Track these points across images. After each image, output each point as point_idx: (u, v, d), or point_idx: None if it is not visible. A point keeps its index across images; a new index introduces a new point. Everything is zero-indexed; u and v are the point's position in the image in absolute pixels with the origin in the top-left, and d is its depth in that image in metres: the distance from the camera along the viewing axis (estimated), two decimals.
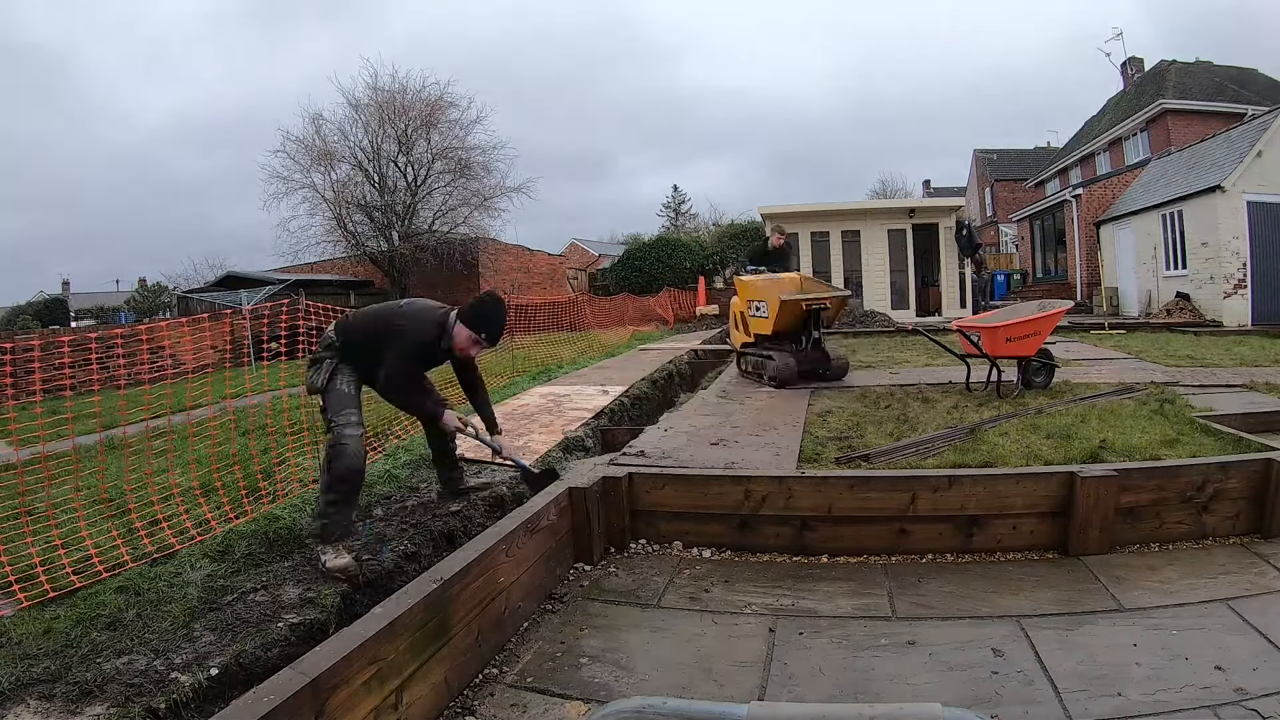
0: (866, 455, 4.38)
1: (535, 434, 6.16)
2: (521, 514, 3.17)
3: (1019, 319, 6.21)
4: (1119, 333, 12.71)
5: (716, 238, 28.55)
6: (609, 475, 3.73)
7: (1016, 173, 33.71)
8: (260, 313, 12.25)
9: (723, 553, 3.57)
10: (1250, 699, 2.10)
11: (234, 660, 2.61)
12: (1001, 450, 4.30)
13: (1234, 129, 15.76)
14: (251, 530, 3.84)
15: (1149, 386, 6.31)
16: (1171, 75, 23.18)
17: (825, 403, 6.46)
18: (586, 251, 40.40)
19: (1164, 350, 9.46)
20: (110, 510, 4.05)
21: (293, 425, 5.37)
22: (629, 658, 2.60)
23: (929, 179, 46.03)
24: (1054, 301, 6.94)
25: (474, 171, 21.94)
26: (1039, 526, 3.40)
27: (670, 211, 48.67)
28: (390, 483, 4.81)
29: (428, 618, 2.29)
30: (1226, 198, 13.49)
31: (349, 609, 3.10)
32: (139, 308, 37.37)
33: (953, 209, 17.40)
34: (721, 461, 4.39)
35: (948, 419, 5.35)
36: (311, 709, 1.78)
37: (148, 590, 3.15)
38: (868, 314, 15.86)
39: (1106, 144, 25.07)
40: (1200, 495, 3.41)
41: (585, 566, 3.47)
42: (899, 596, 3.00)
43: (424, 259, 20.81)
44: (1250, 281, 13.54)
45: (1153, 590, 2.93)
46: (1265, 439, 4.24)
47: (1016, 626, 2.66)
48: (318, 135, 20.67)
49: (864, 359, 9.85)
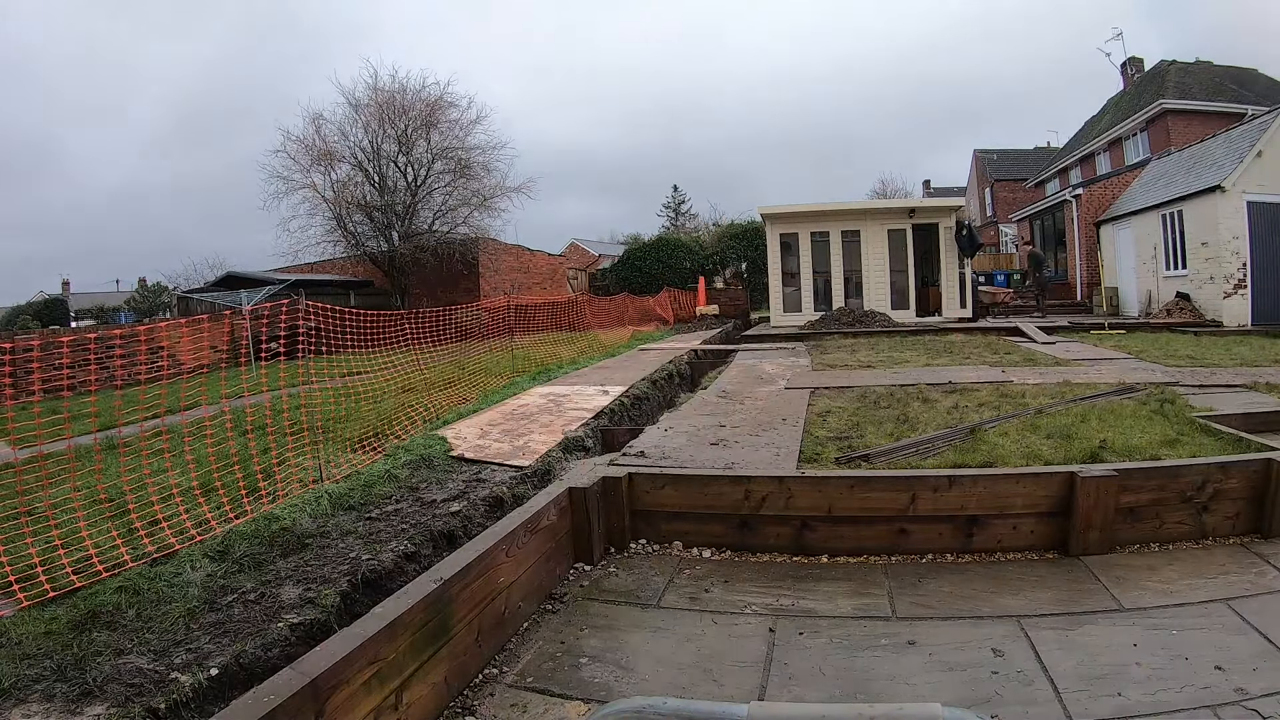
0: (866, 455, 4.38)
1: (535, 434, 6.16)
2: (521, 514, 3.17)
3: None
4: (1119, 333, 12.71)
5: (716, 238, 28.54)
6: (609, 475, 3.73)
7: (1016, 173, 33.71)
8: (260, 313, 12.27)
9: (723, 553, 3.57)
10: (1250, 699, 2.11)
11: (234, 660, 2.61)
12: (1001, 450, 4.30)
13: (1234, 129, 15.76)
14: (251, 530, 3.84)
15: (1149, 386, 6.31)
16: (1171, 75, 23.18)
17: (825, 403, 6.46)
18: (586, 251, 40.39)
19: (1164, 350, 9.47)
20: (110, 510, 4.05)
21: (293, 425, 5.37)
22: (629, 658, 2.60)
23: (929, 179, 46.09)
24: None
25: (474, 171, 21.93)
26: (1039, 526, 3.40)
27: (670, 211, 48.66)
28: (390, 483, 4.81)
29: (428, 618, 2.29)
30: (1226, 198, 13.49)
31: (349, 609, 3.10)
32: (139, 308, 37.37)
33: (953, 209, 17.35)
34: (721, 462, 4.39)
35: (948, 419, 5.35)
36: (311, 709, 1.78)
37: (148, 590, 3.15)
38: (868, 314, 15.84)
39: (1106, 144, 25.06)
40: (1200, 495, 3.41)
41: (585, 566, 3.47)
42: (899, 596, 3.00)
43: (424, 259, 20.80)
44: (1250, 281, 13.53)
45: (1153, 590, 2.93)
46: (1265, 439, 4.25)
47: (1016, 626, 2.66)
48: (318, 135, 20.67)
49: (864, 359, 9.85)
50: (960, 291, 16.71)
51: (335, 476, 4.85)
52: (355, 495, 4.47)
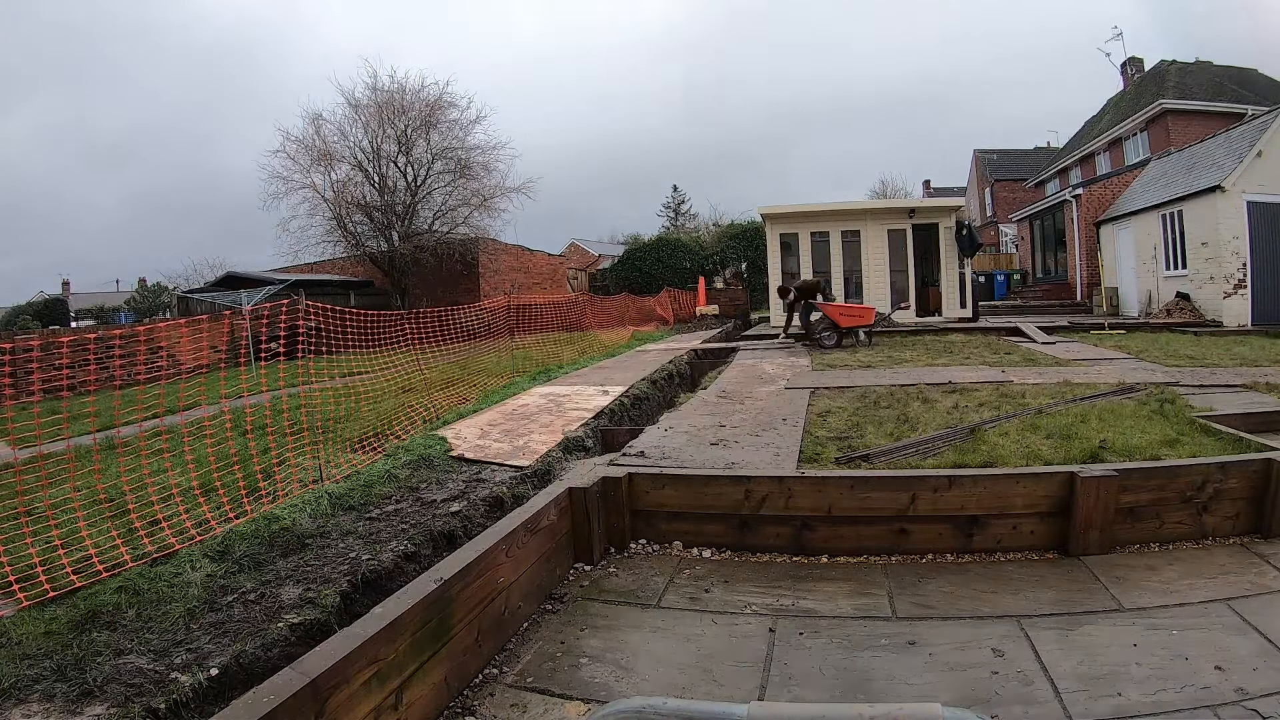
0: (866, 455, 4.38)
1: (535, 434, 6.16)
2: (521, 514, 3.17)
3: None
4: (1119, 333, 12.71)
5: (716, 238, 28.56)
6: (609, 475, 3.73)
7: (1016, 173, 33.71)
8: (260, 313, 12.25)
9: (723, 553, 3.57)
10: (1250, 699, 2.11)
11: (234, 660, 2.61)
12: (1001, 450, 4.30)
13: (1234, 129, 15.75)
14: (251, 530, 3.84)
15: (1149, 386, 6.31)
16: (1171, 75, 23.17)
17: (825, 403, 6.46)
18: (586, 252, 40.40)
19: (1164, 350, 9.46)
20: (110, 510, 4.05)
21: (293, 425, 5.37)
22: (629, 658, 2.60)
23: (929, 179, 46.07)
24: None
25: (474, 171, 21.93)
26: (1039, 526, 3.40)
27: (670, 211, 48.65)
28: (390, 483, 4.81)
29: (428, 618, 2.29)
30: (1226, 198, 13.49)
31: (349, 609, 3.10)
32: (139, 308, 37.36)
33: (953, 209, 17.32)
34: (721, 462, 4.39)
35: (948, 419, 5.35)
36: (311, 709, 1.78)
37: (148, 590, 3.15)
38: None
39: (1106, 144, 25.06)
40: (1200, 495, 3.41)
41: (585, 566, 3.47)
42: (899, 596, 3.00)
43: (424, 259, 20.80)
44: (1250, 281, 13.53)
45: (1153, 590, 2.93)
46: (1265, 439, 4.25)
47: (1016, 626, 2.66)
48: (317, 135, 20.66)
49: (864, 359, 9.86)
50: (960, 292, 16.71)
51: (335, 476, 4.85)
52: (355, 495, 4.47)
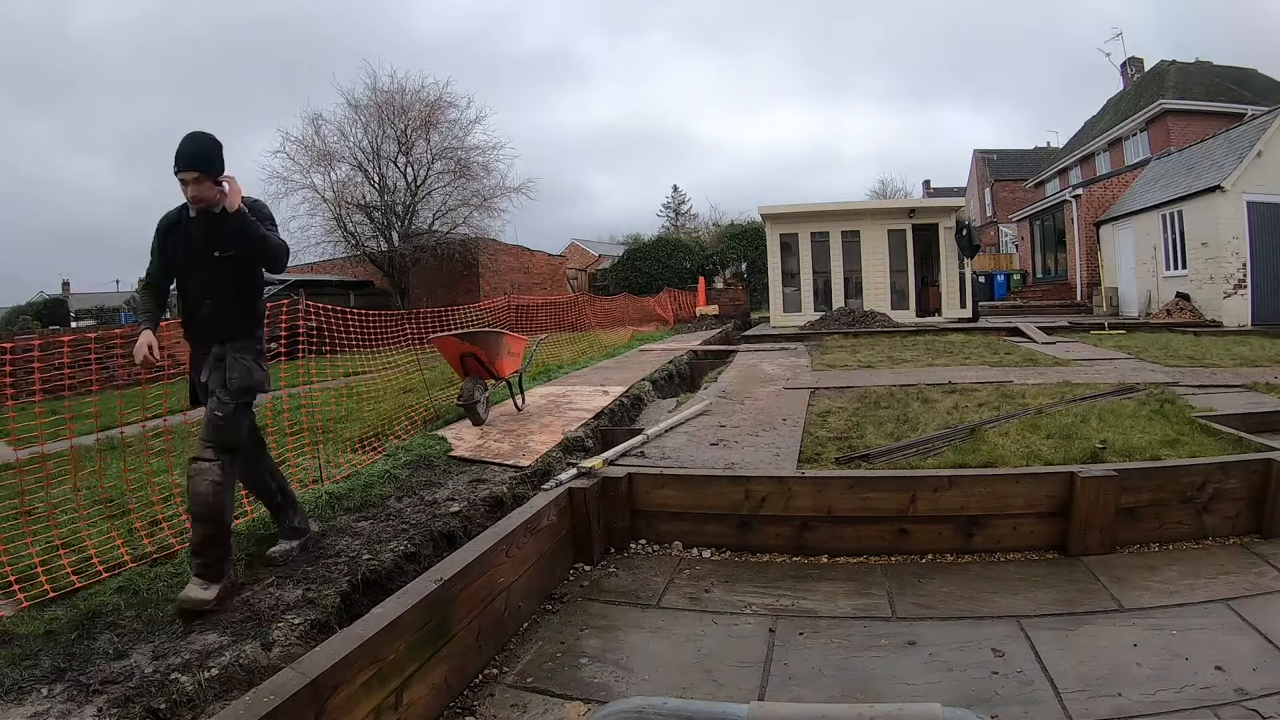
0: (866, 455, 4.38)
1: (535, 434, 6.16)
2: (521, 514, 3.17)
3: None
4: (1119, 333, 12.71)
5: (716, 238, 28.60)
6: (609, 475, 3.74)
7: (1016, 173, 33.71)
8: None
9: (723, 553, 3.57)
10: (1250, 699, 2.10)
11: (234, 660, 2.61)
12: (1001, 450, 4.30)
13: (1234, 129, 15.75)
14: (251, 530, 3.84)
15: (1149, 386, 6.31)
16: (1171, 75, 23.17)
17: (825, 403, 6.46)
18: (586, 252, 40.40)
19: (1164, 350, 9.46)
20: (110, 510, 4.05)
21: (292, 426, 5.37)
22: (629, 658, 2.60)
23: (929, 179, 46.08)
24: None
25: (474, 171, 21.94)
26: (1039, 527, 3.40)
27: (670, 211, 48.68)
28: (390, 483, 4.81)
29: (428, 618, 2.29)
30: (1226, 198, 13.49)
31: (349, 609, 3.10)
32: (139, 308, 37.31)
33: (953, 209, 17.33)
34: (721, 462, 4.39)
35: (948, 419, 5.35)
36: (311, 709, 1.78)
37: (148, 590, 3.15)
38: (868, 314, 15.83)
39: (1106, 144, 25.06)
40: (1200, 495, 3.41)
41: (585, 567, 3.47)
42: (899, 597, 3.00)
43: (424, 259, 20.81)
44: (1250, 281, 13.53)
45: (1153, 590, 2.93)
46: (1265, 439, 4.24)
47: (1016, 627, 2.66)
48: (317, 136, 20.67)
49: (864, 359, 9.86)
50: (960, 292, 16.71)
51: (335, 477, 4.85)
52: (355, 495, 4.47)
